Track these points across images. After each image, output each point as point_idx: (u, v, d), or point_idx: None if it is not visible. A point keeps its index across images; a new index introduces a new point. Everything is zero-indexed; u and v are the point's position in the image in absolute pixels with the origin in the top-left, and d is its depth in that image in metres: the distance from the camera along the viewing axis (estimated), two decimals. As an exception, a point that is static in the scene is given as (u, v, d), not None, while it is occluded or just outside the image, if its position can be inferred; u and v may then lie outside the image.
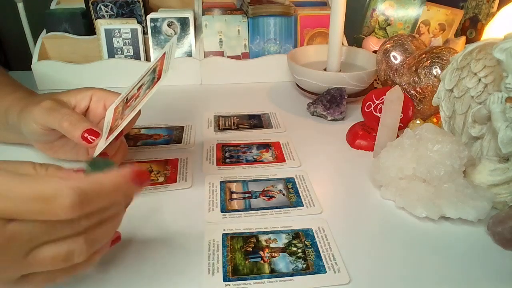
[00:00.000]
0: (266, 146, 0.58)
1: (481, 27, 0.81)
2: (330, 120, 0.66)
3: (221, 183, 0.49)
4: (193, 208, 0.45)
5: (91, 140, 0.40)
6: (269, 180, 0.50)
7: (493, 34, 0.70)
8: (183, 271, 0.37)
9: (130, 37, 0.78)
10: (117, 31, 0.77)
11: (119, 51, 0.78)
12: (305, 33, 0.84)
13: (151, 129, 0.62)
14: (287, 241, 0.40)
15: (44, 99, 0.44)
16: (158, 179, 0.50)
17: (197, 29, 0.81)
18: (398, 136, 0.51)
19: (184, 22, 0.79)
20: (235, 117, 0.67)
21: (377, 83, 0.75)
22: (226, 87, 0.80)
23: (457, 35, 0.82)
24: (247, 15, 0.81)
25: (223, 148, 0.57)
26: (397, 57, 0.65)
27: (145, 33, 0.79)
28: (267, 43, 0.82)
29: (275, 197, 0.47)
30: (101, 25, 0.77)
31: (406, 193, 0.45)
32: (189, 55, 0.80)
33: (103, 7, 0.78)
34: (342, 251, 0.39)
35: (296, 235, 0.41)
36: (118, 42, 0.78)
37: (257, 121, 0.66)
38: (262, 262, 0.38)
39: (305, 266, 0.37)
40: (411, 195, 0.45)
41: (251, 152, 0.56)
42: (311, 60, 0.79)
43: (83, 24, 0.80)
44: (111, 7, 0.79)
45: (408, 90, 0.61)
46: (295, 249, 0.39)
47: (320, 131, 0.63)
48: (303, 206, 0.46)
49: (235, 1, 0.91)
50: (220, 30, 0.80)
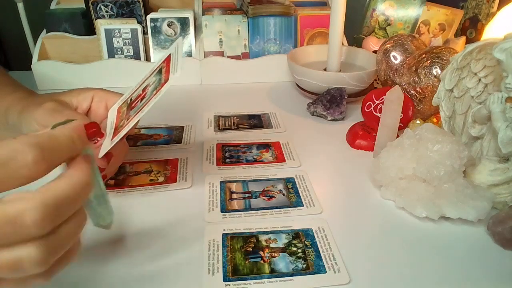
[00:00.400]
0: (266, 146, 0.58)
1: (481, 27, 0.81)
2: (330, 120, 0.66)
3: (221, 183, 0.49)
4: (193, 208, 0.45)
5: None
6: (269, 180, 0.50)
7: (493, 34, 0.70)
8: (183, 271, 0.37)
9: (130, 37, 0.78)
10: (117, 31, 0.77)
11: (119, 51, 0.78)
12: (305, 33, 0.84)
13: (151, 129, 0.62)
14: (287, 241, 0.40)
15: (46, 100, 0.44)
16: (158, 179, 0.50)
17: (197, 29, 0.81)
18: (398, 136, 0.51)
19: (184, 22, 0.79)
20: (235, 117, 0.67)
21: (377, 83, 0.75)
22: (226, 87, 0.80)
23: (457, 35, 0.82)
24: (247, 15, 0.81)
25: (223, 148, 0.57)
26: (397, 57, 0.65)
27: (145, 33, 0.79)
28: (267, 43, 0.82)
29: (275, 197, 0.47)
30: (101, 25, 0.77)
31: (406, 193, 0.45)
32: (189, 55, 0.81)
33: (103, 7, 0.78)
34: (342, 251, 0.39)
35: (296, 235, 0.41)
36: (118, 42, 0.78)
37: (257, 121, 0.66)
38: (262, 262, 0.38)
39: (305, 266, 0.37)
40: (411, 195, 0.45)
41: (251, 152, 0.56)
42: (311, 60, 0.79)
43: (83, 24, 0.80)
44: (111, 7, 0.79)
45: (408, 90, 0.61)
46: (295, 249, 0.39)
47: (320, 131, 0.63)
48: (303, 206, 0.46)
49: (235, 1, 0.91)
50: (220, 30, 0.80)
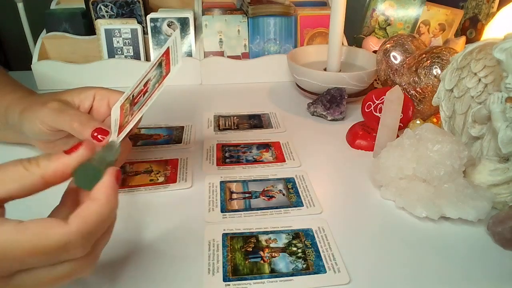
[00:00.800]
0: (266, 146, 0.58)
1: (481, 27, 0.81)
2: (330, 120, 0.66)
3: (221, 183, 0.49)
4: (193, 208, 0.45)
5: (101, 138, 0.41)
6: (269, 180, 0.50)
7: (493, 34, 0.70)
8: (183, 271, 0.37)
9: (130, 37, 0.78)
10: (117, 31, 0.77)
11: (119, 51, 0.78)
12: (305, 33, 0.84)
13: (151, 129, 0.62)
14: (287, 241, 0.40)
15: (48, 100, 0.44)
16: (158, 179, 0.50)
17: (197, 29, 0.81)
18: (398, 136, 0.51)
19: (184, 22, 0.79)
20: (235, 117, 0.67)
21: (377, 83, 0.75)
22: (226, 87, 0.80)
23: (457, 35, 0.82)
24: (247, 15, 0.80)
25: (223, 148, 0.57)
26: (397, 57, 0.65)
27: (145, 33, 0.79)
28: (267, 43, 0.82)
29: (275, 197, 0.47)
30: (101, 25, 0.77)
31: (406, 193, 0.45)
32: (189, 55, 0.81)
33: (103, 7, 0.78)
34: (342, 251, 0.39)
35: (296, 235, 0.41)
36: (118, 42, 0.78)
37: (257, 121, 0.66)
38: (262, 262, 0.38)
39: (305, 266, 0.37)
40: (411, 195, 0.45)
41: (251, 152, 0.56)
42: (311, 60, 0.79)
43: (83, 24, 0.80)
44: (111, 7, 0.79)
45: (408, 90, 0.61)
46: (295, 249, 0.39)
47: (320, 131, 0.63)
48: (303, 206, 0.46)
49: (235, 1, 0.91)
50: (220, 30, 0.80)
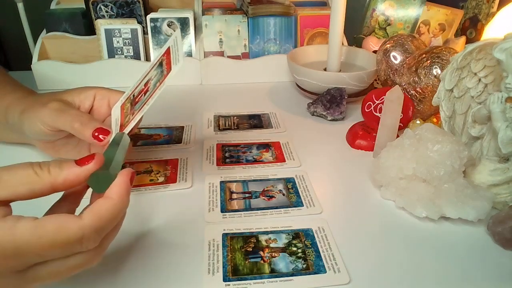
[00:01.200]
0: (266, 146, 0.58)
1: (481, 27, 0.81)
2: (330, 120, 0.66)
3: (221, 183, 0.49)
4: (193, 208, 0.45)
5: (102, 138, 0.41)
6: (269, 180, 0.50)
7: (493, 34, 0.70)
8: (183, 271, 0.37)
9: (130, 37, 0.78)
10: (117, 31, 0.77)
11: (119, 51, 0.78)
12: (305, 33, 0.84)
13: (151, 129, 0.62)
14: (287, 241, 0.40)
15: (48, 100, 0.44)
16: (158, 179, 0.50)
17: (197, 29, 0.81)
18: (398, 136, 0.51)
19: (184, 22, 0.79)
20: (235, 117, 0.67)
21: (377, 83, 0.75)
22: (226, 87, 0.80)
23: (457, 35, 0.82)
24: (247, 15, 0.80)
25: (223, 148, 0.57)
26: (397, 57, 0.65)
27: (145, 33, 0.79)
28: (267, 43, 0.82)
29: (275, 197, 0.47)
30: (101, 25, 0.77)
31: (406, 193, 0.45)
32: (189, 55, 0.81)
33: (103, 7, 0.78)
34: (342, 251, 0.39)
35: (296, 235, 0.41)
36: (118, 42, 0.78)
37: (257, 121, 0.66)
38: (262, 262, 0.38)
39: (305, 266, 0.37)
40: (411, 195, 0.45)
41: (251, 152, 0.56)
42: (311, 60, 0.79)
43: (83, 24, 0.80)
44: (111, 7, 0.79)
45: (408, 90, 0.61)
46: (295, 249, 0.39)
47: (320, 131, 0.63)
48: (303, 206, 0.46)
49: (235, 1, 0.91)
50: (220, 30, 0.80)
